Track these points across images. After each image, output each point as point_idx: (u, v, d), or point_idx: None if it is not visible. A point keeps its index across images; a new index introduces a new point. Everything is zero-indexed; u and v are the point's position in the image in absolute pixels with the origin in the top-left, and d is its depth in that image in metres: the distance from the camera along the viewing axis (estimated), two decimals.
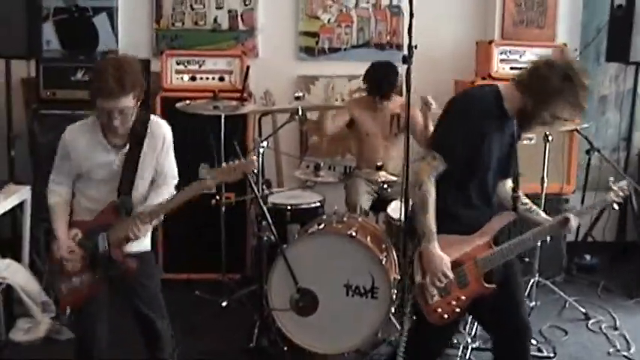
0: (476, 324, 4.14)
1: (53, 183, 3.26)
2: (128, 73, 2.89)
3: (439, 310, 3.10)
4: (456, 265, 3.07)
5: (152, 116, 3.22)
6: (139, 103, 3.03)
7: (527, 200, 3.29)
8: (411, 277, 3.14)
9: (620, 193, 3.23)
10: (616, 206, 3.26)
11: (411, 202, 3.19)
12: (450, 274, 3.03)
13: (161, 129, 3.22)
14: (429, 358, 3.35)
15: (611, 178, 3.32)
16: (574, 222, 3.14)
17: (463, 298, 3.10)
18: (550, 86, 2.88)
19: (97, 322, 3.28)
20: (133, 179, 3.16)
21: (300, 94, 4.62)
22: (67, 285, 3.21)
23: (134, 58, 3.08)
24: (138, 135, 3.13)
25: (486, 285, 3.09)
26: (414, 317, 3.13)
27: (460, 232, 3.10)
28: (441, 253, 3.02)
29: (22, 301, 4.35)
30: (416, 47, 3.58)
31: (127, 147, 3.14)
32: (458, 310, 3.11)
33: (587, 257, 5.82)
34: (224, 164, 3.17)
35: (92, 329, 3.28)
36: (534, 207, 3.28)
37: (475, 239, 3.11)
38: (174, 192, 3.27)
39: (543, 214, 3.26)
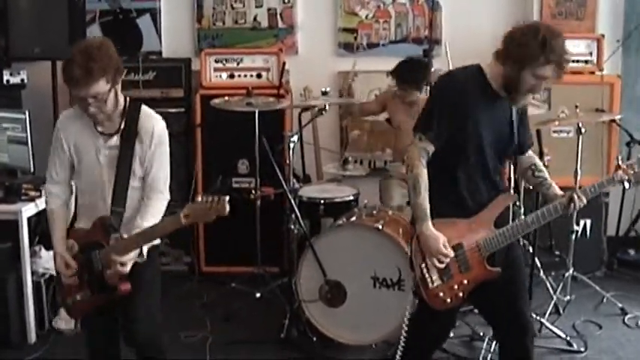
0: None
1: (50, 183, 3.15)
2: (96, 59, 2.80)
3: (441, 294, 3.05)
4: (456, 248, 3.03)
5: (144, 108, 3.09)
6: (116, 87, 2.95)
7: (542, 173, 3.21)
8: (411, 263, 3.11)
9: (630, 171, 3.09)
10: (627, 185, 3.10)
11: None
12: (448, 253, 2.97)
13: (150, 121, 3.04)
14: (431, 343, 3.36)
15: (619, 156, 3.25)
16: (578, 202, 3.04)
17: (466, 282, 3.05)
18: (530, 49, 2.83)
19: (103, 334, 3.20)
20: (127, 184, 3.01)
21: (328, 89, 4.66)
22: (71, 298, 3.13)
23: (105, 41, 2.93)
24: (129, 132, 3.02)
25: (490, 268, 3.04)
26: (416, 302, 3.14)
27: (459, 215, 3.06)
28: (437, 233, 2.96)
29: None
30: (437, 42, 3.64)
31: (117, 142, 3.02)
32: (461, 294, 3.06)
33: (631, 252, 5.72)
34: (199, 200, 2.77)
35: (101, 342, 3.22)
36: (549, 180, 3.19)
37: (476, 222, 3.05)
38: (163, 208, 3.06)
39: (556, 189, 3.15)
